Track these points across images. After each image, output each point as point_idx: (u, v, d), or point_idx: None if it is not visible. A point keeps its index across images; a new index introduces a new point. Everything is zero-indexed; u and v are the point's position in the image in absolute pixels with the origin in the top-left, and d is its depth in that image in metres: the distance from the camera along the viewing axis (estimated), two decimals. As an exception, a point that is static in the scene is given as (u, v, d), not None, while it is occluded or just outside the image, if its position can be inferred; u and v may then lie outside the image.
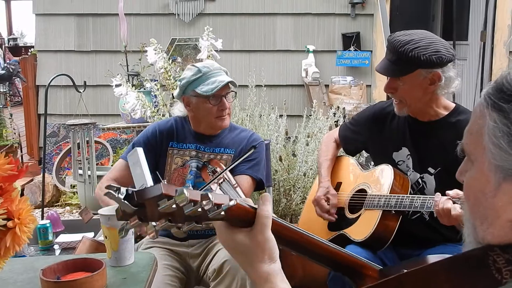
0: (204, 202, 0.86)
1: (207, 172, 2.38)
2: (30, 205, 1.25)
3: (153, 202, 0.84)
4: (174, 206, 0.84)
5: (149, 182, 2.10)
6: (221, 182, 2.26)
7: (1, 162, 1.19)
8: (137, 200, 0.85)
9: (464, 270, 0.80)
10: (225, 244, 0.96)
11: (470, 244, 0.87)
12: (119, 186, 0.85)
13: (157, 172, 2.36)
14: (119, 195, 0.84)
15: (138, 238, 2.22)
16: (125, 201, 0.84)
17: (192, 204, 0.85)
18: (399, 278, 0.92)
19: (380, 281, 0.97)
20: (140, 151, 1.20)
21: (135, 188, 0.95)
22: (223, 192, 2.21)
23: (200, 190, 0.97)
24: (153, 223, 0.87)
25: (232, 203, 0.90)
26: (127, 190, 0.85)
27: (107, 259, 1.67)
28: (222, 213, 0.89)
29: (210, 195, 0.87)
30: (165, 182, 0.93)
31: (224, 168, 2.35)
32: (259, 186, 2.50)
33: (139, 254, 1.78)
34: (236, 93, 2.49)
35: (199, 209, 0.86)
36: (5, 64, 4.62)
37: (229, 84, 2.39)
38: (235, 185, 2.28)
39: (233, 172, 2.36)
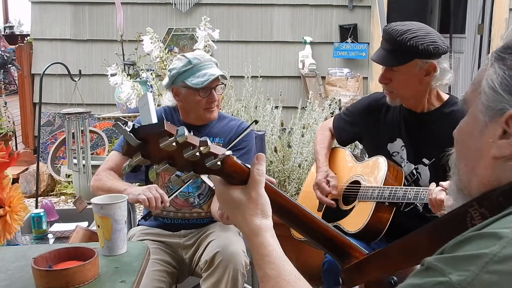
0: (202, 148, 0.92)
1: None
2: (21, 193, 1.24)
3: (156, 138, 0.90)
4: (174, 144, 0.89)
5: (155, 121, 2.10)
6: None
7: (-8, 149, 1.18)
8: (141, 134, 0.91)
9: (445, 232, 0.82)
10: (221, 200, 1.02)
11: (452, 193, 0.94)
12: (126, 121, 0.91)
13: (162, 115, 2.37)
14: (126, 128, 0.90)
15: (147, 215, 2.20)
16: (131, 134, 0.90)
17: (191, 147, 0.91)
18: (384, 251, 0.97)
19: (367, 255, 1.04)
20: (149, 95, 1.24)
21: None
22: (211, 180, 2.19)
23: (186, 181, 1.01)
24: (155, 166, 0.94)
25: (228, 152, 0.95)
26: (133, 125, 0.91)
27: (99, 248, 1.67)
28: (218, 163, 0.94)
29: (208, 142, 0.92)
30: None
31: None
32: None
33: (131, 244, 1.78)
34: (225, 85, 2.47)
35: (197, 153, 0.92)
36: (0, 52, 4.59)
37: (219, 77, 2.37)
38: None
39: None
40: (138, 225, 2.52)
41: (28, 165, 5.28)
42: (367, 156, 2.49)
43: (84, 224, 3.01)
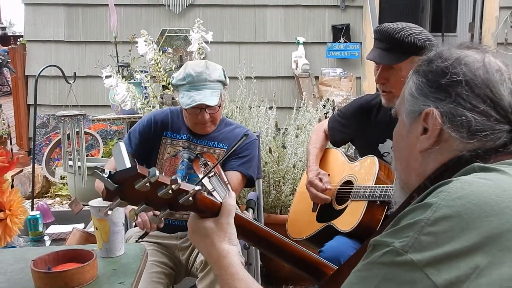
0: (173, 186, 1.01)
1: (198, 164, 2.40)
2: (21, 196, 1.27)
3: (131, 181, 0.99)
4: (147, 184, 0.98)
5: (128, 166, 2.13)
6: (211, 176, 2.27)
7: (-8, 154, 1.20)
8: (118, 179, 1.00)
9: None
10: (193, 231, 1.12)
11: (397, 196, 1.10)
12: (103, 168, 1.02)
13: (134, 160, 2.39)
14: (103, 175, 0.99)
15: (144, 235, 2.25)
16: (108, 179, 0.99)
17: (164, 186, 1.00)
18: (352, 257, 1.12)
19: (338, 267, 1.17)
20: (122, 145, 1.32)
21: None
22: (212, 187, 2.23)
23: (195, 185, 1.10)
24: (134, 207, 1.04)
25: (197, 188, 1.04)
26: (110, 172, 1.00)
27: (97, 250, 1.69)
28: (190, 198, 1.03)
29: (178, 180, 1.02)
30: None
31: (216, 162, 2.37)
32: (249, 183, 2.53)
33: (129, 246, 1.80)
34: (219, 106, 2.42)
35: (170, 191, 1.01)
36: (-6, 55, 4.60)
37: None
38: (226, 182, 2.30)
39: (224, 167, 2.37)
40: (134, 226, 2.54)
41: (22, 167, 5.28)
42: (359, 156, 2.52)
43: (81, 226, 3.03)
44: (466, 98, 0.96)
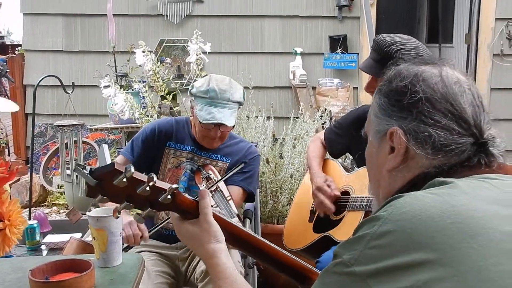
0: (150, 183, 1.04)
1: (200, 177, 2.41)
2: (20, 207, 1.27)
3: (109, 176, 1.02)
4: (124, 179, 1.01)
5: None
6: (214, 190, 2.28)
7: (-8, 165, 1.21)
8: (97, 174, 1.02)
9: None
10: (180, 234, 1.16)
11: (374, 204, 1.14)
12: (85, 165, 1.04)
13: (114, 160, 2.39)
14: (84, 171, 1.02)
15: (127, 248, 2.25)
16: (88, 175, 1.02)
17: (141, 183, 1.04)
18: None
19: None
20: (105, 147, 1.35)
21: None
22: (215, 202, 2.24)
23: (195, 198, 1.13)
24: (117, 205, 1.06)
25: (175, 186, 1.08)
26: (90, 168, 1.03)
27: (95, 260, 1.69)
28: (169, 197, 1.06)
29: (155, 178, 1.05)
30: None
31: (218, 175, 2.38)
32: (250, 198, 2.53)
33: (126, 255, 1.81)
34: (233, 126, 2.42)
35: (147, 188, 1.04)
36: (-7, 65, 4.62)
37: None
38: (228, 197, 2.31)
39: (226, 181, 2.38)
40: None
41: (20, 175, 5.28)
42: (356, 167, 2.53)
43: (78, 235, 3.02)
44: (427, 114, 0.97)
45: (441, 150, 0.96)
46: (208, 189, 2.26)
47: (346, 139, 2.54)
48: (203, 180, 2.39)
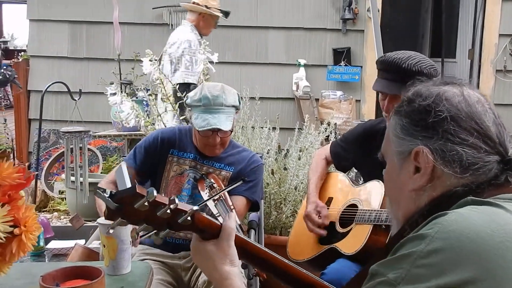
0: (171, 206, 1.04)
1: (204, 185, 2.42)
2: (36, 213, 1.28)
3: (130, 200, 1.02)
4: (146, 203, 1.02)
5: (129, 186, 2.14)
6: (217, 199, 2.29)
7: (10, 170, 1.22)
8: (118, 198, 1.03)
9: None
10: (195, 253, 1.15)
11: (393, 224, 1.12)
12: (105, 188, 1.04)
13: (135, 180, 2.39)
14: (105, 194, 1.03)
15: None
16: (109, 199, 1.02)
17: (162, 205, 1.04)
18: (350, 282, 1.18)
19: None
20: (124, 166, 1.37)
21: None
22: (218, 211, 2.25)
23: (198, 205, 1.13)
24: (136, 227, 1.06)
25: (195, 208, 1.07)
26: (111, 192, 1.04)
27: (104, 267, 1.70)
28: (189, 218, 1.06)
29: (176, 200, 1.04)
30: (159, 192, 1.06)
31: (222, 184, 2.38)
32: (254, 207, 2.54)
33: (135, 264, 1.82)
34: (231, 131, 2.44)
35: (168, 211, 1.04)
36: (2, 70, 4.63)
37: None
38: (231, 207, 2.31)
39: (230, 191, 2.39)
40: (139, 244, 2.54)
41: (22, 181, 5.27)
42: (362, 180, 2.54)
43: (81, 241, 3.03)
44: (454, 133, 0.97)
45: (469, 168, 0.96)
46: (212, 197, 2.27)
47: (352, 153, 2.55)
48: (206, 188, 2.39)
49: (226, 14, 4.40)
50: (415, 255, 0.84)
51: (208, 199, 2.11)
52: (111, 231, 1.08)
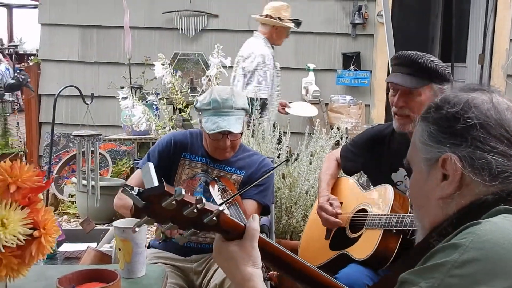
0: (198, 205, 1.04)
1: (215, 186, 2.43)
2: (55, 216, 1.30)
3: (158, 199, 1.03)
4: (174, 202, 1.02)
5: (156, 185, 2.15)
6: (230, 203, 2.29)
7: (29, 174, 1.24)
8: (145, 196, 1.03)
9: (417, 262, 0.94)
10: (218, 253, 1.15)
11: (418, 232, 1.11)
12: (133, 186, 1.05)
13: (162, 179, 2.39)
14: (132, 192, 1.03)
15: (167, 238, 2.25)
16: (137, 196, 1.03)
17: (189, 205, 1.04)
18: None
19: None
20: (151, 165, 1.38)
21: None
22: (231, 214, 2.24)
23: (219, 204, 1.10)
24: (160, 226, 1.01)
25: (221, 208, 1.07)
26: (138, 189, 1.05)
27: (119, 270, 1.71)
28: (214, 218, 1.07)
29: (203, 199, 1.05)
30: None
31: (234, 188, 2.39)
32: (265, 210, 2.54)
33: (150, 267, 1.83)
34: (241, 134, 2.45)
35: (194, 210, 1.04)
36: (15, 74, 4.68)
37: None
38: (244, 211, 2.31)
39: (241, 196, 2.39)
40: (149, 247, 2.56)
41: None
42: (372, 185, 2.54)
43: (93, 245, 3.04)
44: (483, 141, 0.96)
45: (498, 176, 0.95)
46: (225, 202, 2.28)
47: (361, 157, 2.56)
48: (219, 191, 2.40)
49: (298, 24, 4.47)
50: (449, 264, 0.83)
51: (223, 202, 2.11)
52: (137, 229, 1.09)
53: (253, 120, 3.44)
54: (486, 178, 0.95)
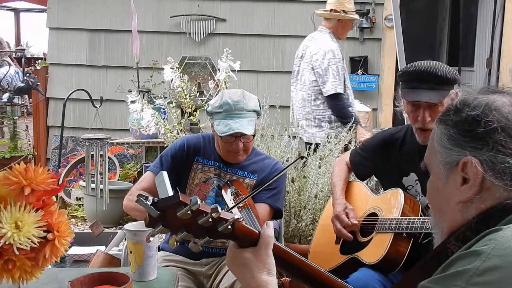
0: (213, 214, 1.04)
1: (228, 190, 2.42)
2: (68, 218, 1.30)
3: (173, 208, 1.03)
4: (189, 212, 1.02)
5: (171, 194, 2.14)
6: (242, 207, 2.29)
7: (44, 176, 1.24)
8: (161, 206, 1.03)
9: (434, 266, 0.94)
10: (232, 261, 1.14)
11: (436, 236, 1.10)
12: (147, 195, 1.04)
13: (177, 188, 2.39)
14: (147, 202, 1.03)
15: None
16: (152, 207, 1.02)
17: (204, 214, 1.04)
18: None
19: None
20: (165, 174, 1.39)
21: None
22: (242, 217, 2.24)
23: (226, 211, 1.11)
24: (174, 235, 1.07)
25: (237, 216, 1.07)
26: (153, 199, 1.05)
27: (130, 273, 1.71)
28: (229, 227, 1.06)
29: (219, 208, 1.04)
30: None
31: (247, 192, 2.38)
32: (276, 214, 2.53)
33: (161, 270, 1.83)
34: (254, 135, 2.44)
35: (210, 219, 1.04)
36: (25, 78, 4.70)
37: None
38: (257, 216, 2.30)
39: (254, 198, 2.39)
40: (159, 250, 2.55)
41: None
42: (382, 188, 2.54)
43: (101, 248, 3.05)
44: (505, 145, 0.95)
45: None
46: (236, 205, 2.27)
47: (371, 161, 2.55)
48: (232, 195, 2.39)
49: (362, 15, 4.54)
50: (470, 272, 0.82)
51: (235, 205, 2.11)
52: (151, 238, 1.09)
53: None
54: (508, 182, 0.94)
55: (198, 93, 3.85)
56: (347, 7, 4.18)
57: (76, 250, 3.04)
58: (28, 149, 5.72)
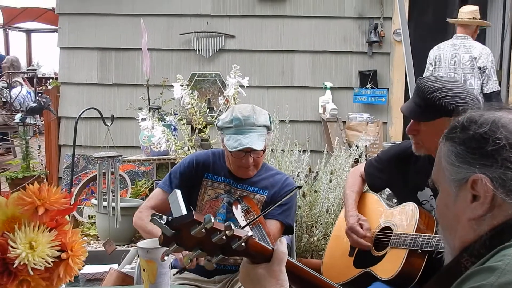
0: (227, 232, 1.05)
1: (238, 206, 2.42)
2: (82, 237, 1.30)
3: (187, 227, 1.04)
4: (203, 230, 1.03)
5: (184, 213, 2.14)
6: (254, 225, 2.28)
7: (57, 196, 1.25)
8: (175, 225, 1.04)
9: (447, 282, 0.95)
10: (245, 277, 1.15)
11: (447, 252, 1.09)
12: (161, 215, 1.05)
13: (190, 206, 2.39)
14: (161, 221, 1.04)
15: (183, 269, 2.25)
16: (166, 226, 1.03)
17: (218, 232, 1.05)
18: None
19: None
20: (178, 193, 1.40)
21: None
22: (254, 236, 2.23)
23: (239, 227, 1.14)
24: (189, 253, 1.07)
25: (250, 233, 1.08)
26: (167, 218, 1.06)
27: (144, 291, 1.71)
28: (243, 244, 1.07)
29: (232, 226, 1.05)
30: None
31: (258, 208, 2.38)
32: (287, 230, 2.52)
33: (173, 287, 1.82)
34: (264, 151, 2.44)
35: (223, 237, 1.05)
36: (37, 98, 4.75)
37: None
38: (268, 233, 2.29)
39: (264, 216, 2.38)
40: (171, 267, 2.54)
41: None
42: (395, 200, 2.52)
43: (115, 266, 3.05)
44: None
45: None
46: (249, 224, 2.27)
47: (386, 174, 2.53)
48: (242, 211, 2.39)
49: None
50: None
51: (247, 224, 2.10)
52: (166, 258, 1.09)
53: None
54: None
55: (208, 109, 3.87)
56: (477, 15, 4.79)
57: (89, 269, 3.04)
58: (40, 169, 5.76)
